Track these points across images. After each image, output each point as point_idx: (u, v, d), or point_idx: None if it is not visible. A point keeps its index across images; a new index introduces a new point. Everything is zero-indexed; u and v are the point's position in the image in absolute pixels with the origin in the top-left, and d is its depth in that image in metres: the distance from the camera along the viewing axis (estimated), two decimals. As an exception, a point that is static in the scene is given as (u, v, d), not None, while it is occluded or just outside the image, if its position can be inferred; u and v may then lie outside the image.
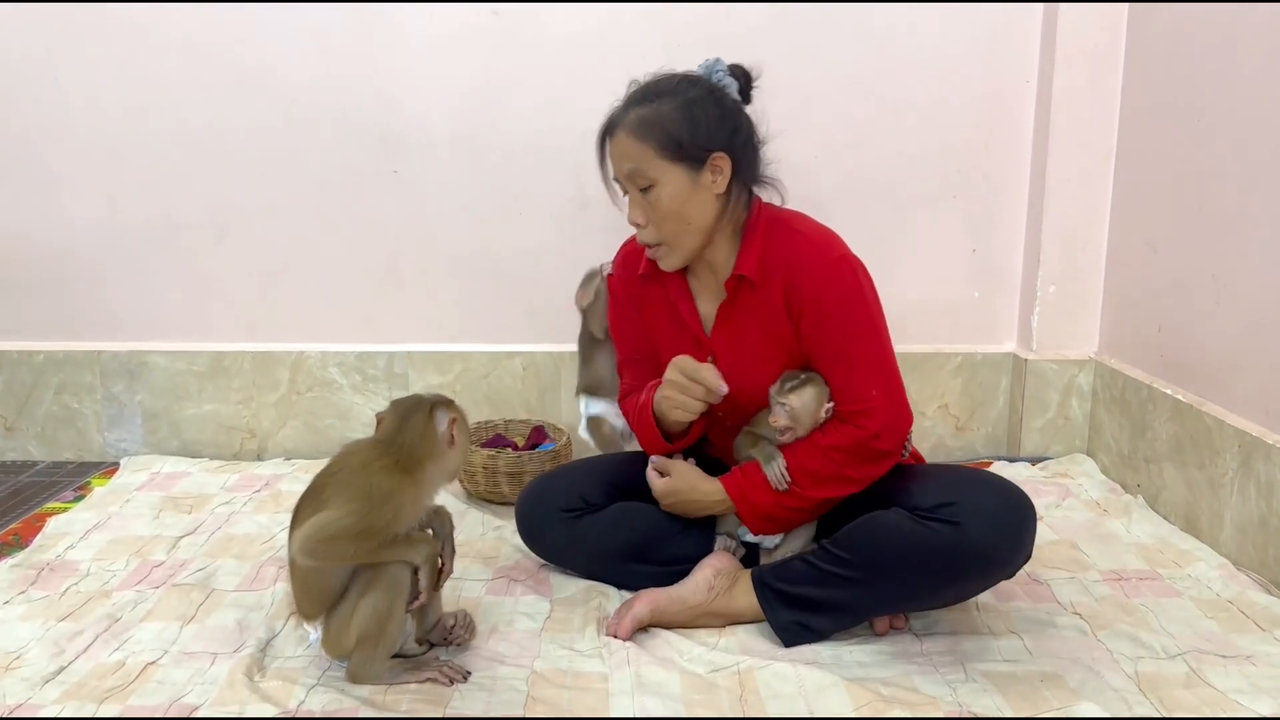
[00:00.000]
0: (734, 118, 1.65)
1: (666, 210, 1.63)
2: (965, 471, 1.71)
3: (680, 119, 1.60)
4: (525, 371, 2.57)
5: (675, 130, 1.60)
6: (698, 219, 1.64)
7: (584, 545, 1.81)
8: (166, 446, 2.59)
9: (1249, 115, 1.92)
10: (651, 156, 1.61)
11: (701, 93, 1.63)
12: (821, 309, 1.61)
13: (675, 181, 1.62)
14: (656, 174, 1.61)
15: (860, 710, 1.41)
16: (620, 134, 1.64)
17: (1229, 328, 1.98)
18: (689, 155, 1.61)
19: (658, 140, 1.60)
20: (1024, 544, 1.54)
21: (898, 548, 1.53)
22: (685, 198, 1.62)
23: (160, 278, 2.56)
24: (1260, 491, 1.83)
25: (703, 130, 1.61)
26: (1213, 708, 1.41)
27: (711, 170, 1.62)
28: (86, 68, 2.44)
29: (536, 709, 1.43)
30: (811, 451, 1.63)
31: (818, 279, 1.61)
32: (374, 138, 2.48)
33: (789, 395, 1.62)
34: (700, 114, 1.61)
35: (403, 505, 1.43)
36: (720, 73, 1.66)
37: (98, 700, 1.43)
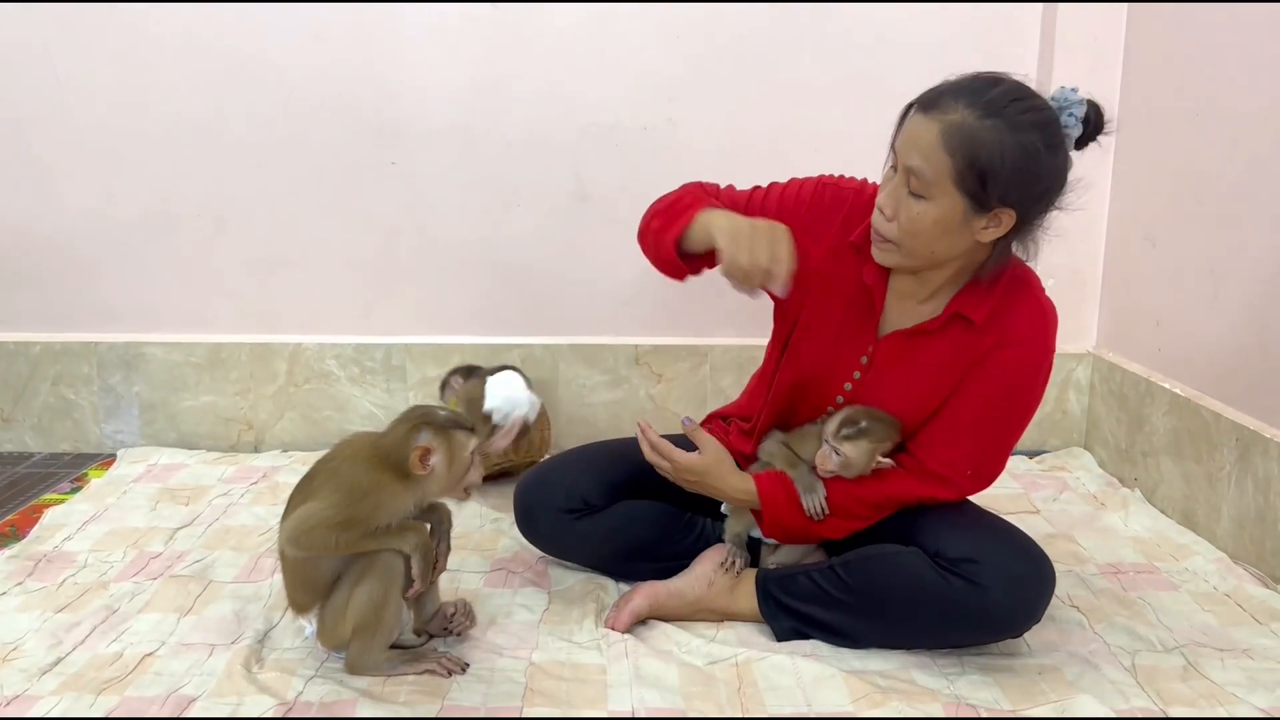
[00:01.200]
0: (1050, 179, 1.42)
1: (921, 230, 1.43)
2: (991, 522, 1.58)
3: (997, 158, 1.35)
4: (523, 364, 2.56)
5: (986, 167, 1.36)
6: (945, 252, 1.47)
7: (585, 545, 1.78)
8: (164, 438, 2.59)
9: (1247, 109, 1.92)
10: (945, 174, 1.38)
11: (1041, 142, 1.38)
12: (999, 380, 1.52)
13: (950, 211, 1.40)
14: (936, 190, 1.40)
15: (857, 702, 1.41)
16: (933, 123, 1.39)
17: (1227, 321, 1.98)
18: (978, 195, 1.38)
19: (963, 163, 1.37)
20: (1039, 611, 1.50)
21: (911, 594, 1.50)
22: (947, 229, 1.42)
23: (157, 269, 2.55)
24: (1258, 485, 1.84)
25: (1011, 182, 1.37)
26: (1210, 701, 1.42)
27: (991, 220, 1.42)
28: (83, 58, 2.43)
29: (535, 701, 1.43)
30: (864, 493, 1.58)
31: (1020, 356, 1.51)
32: (372, 129, 2.48)
33: (844, 444, 1.54)
34: (1027, 165, 1.37)
35: (382, 501, 1.42)
36: (1073, 116, 1.42)
37: (95, 691, 1.43)
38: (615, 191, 2.51)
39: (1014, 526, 1.58)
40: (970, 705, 1.41)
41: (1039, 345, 1.53)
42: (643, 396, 2.58)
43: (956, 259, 1.50)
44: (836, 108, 2.48)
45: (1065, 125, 1.42)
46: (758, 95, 2.48)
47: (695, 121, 2.48)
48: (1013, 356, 1.51)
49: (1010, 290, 1.52)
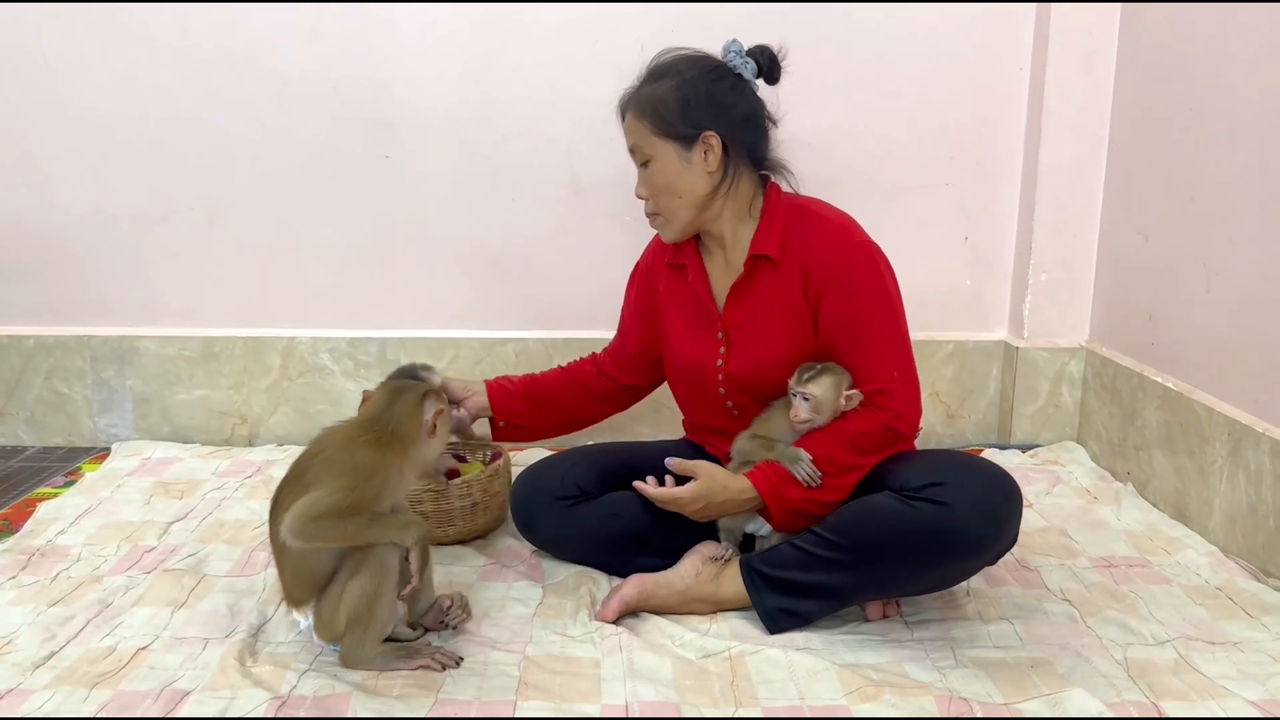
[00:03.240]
0: (730, 97, 1.70)
1: (659, 184, 1.72)
2: (954, 455, 1.73)
3: (672, 98, 1.68)
4: (518, 359, 2.57)
5: (666, 109, 1.68)
6: (688, 193, 1.71)
7: (578, 533, 1.81)
8: (157, 432, 2.58)
9: (1241, 104, 1.92)
10: (647, 133, 1.71)
11: (698, 73, 1.70)
12: (841, 291, 1.65)
13: (666, 157, 1.70)
14: (651, 150, 1.71)
15: (850, 695, 1.42)
16: (628, 113, 1.74)
17: (1220, 316, 1.99)
18: (679, 133, 1.68)
19: (651, 119, 1.70)
20: (1008, 527, 1.56)
21: (884, 528, 1.54)
22: (676, 172, 1.70)
23: (151, 262, 2.55)
24: (1249, 479, 1.84)
25: (692, 110, 1.67)
26: (1201, 694, 1.42)
27: (703, 147, 1.68)
28: (77, 52, 2.42)
29: (528, 694, 1.43)
30: (838, 440, 1.63)
31: (838, 261, 1.65)
32: (366, 122, 2.47)
33: (808, 385, 1.62)
34: (691, 94, 1.68)
35: (389, 479, 1.44)
36: (734, 53, 1.72)
37: (89, 685, 1.43)
38: (610, 184, 2.50)
39: (976, 456, 1.71)
40: (963, 699, 1.41)
41: (846, 243, 1.67)
42: (637, 390, 2.58)
43: (705, 197, 1.71)
44: (832, 100, 2.48)
45: (730, 63, 1.72)
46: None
47: (690, 115, 2.47)
48: (830, 266, 1.66)
49: (792, 220, 1.71)
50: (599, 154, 2.49)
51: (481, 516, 1.95)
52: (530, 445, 2.45)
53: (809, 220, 1.71)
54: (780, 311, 1.70)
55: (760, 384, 1.72)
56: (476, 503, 1.93)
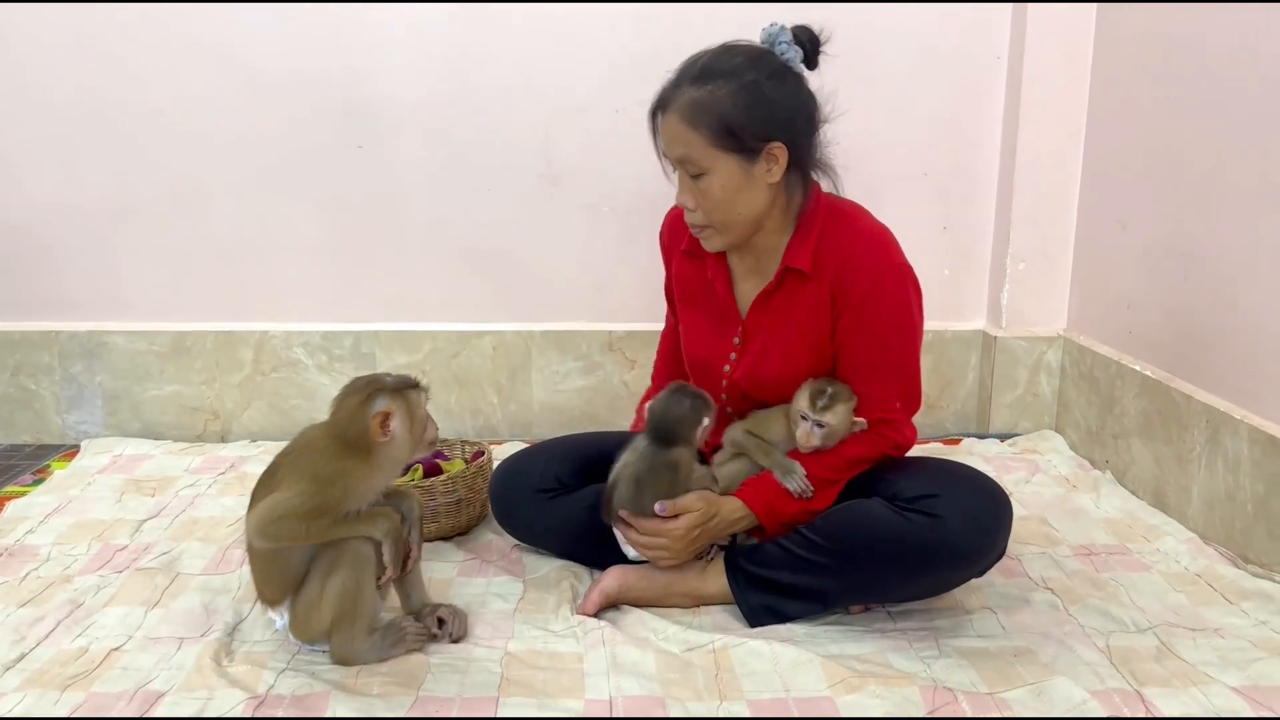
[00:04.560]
0: (795, 100, 1.55)
1: (717, 200, 1.55)
2: (948, 465, 1.67)
3: (737, 106, 1.49)
4: (495, 351, 2.55)
5: (730, 119, 1.49)
6: (749, 209, 1.56)
7: (558, 526, 1.78)
8: (127, 428, 2.54)
9: (1218, 92, 1.93)
10: (703, 145, 1.51)
11: (763, 75, 1.51)
12: (866, 316, 1.56)
13: (727, 172, 1.53)
14: (708, 163, 1.52)
15: (835, 686, 1.41)
16: (672, 116, 1.53)
17: (1198, 304, 1.99)
18: (744, 146, 1.51)
19: (711, 128, 1.50)
20: (999, 541, 1.54)
21: (874, 536, 1.52)
22: (737, 188, 1.54)
23: (120, 256, 2.51)
24: (1228, 466, 1.85)
25: (760, 119, 1.50)
26: (1183, 680, 1.43)
27: (767, 160, 1.53)
28: (40, 39, 2.38)
29: (511, 690, 1.41)
30: (836, 463, 1.61)
31: (870, 284, 1.55)
32: (339, 112, 2.44)
33: (825, 414, 1.57)
34: (759, 100, 1.50)
35: (351, 486, 1.41)
36: (784, 43, 1.54)
37: (60, 688, 1.40)
38: (587, 174, 2.49)
39: (969, 467, 1.64)
40: (947, 688, 1.40)
41: (882, 264, 1.57)
42: (616, 383, 2.57)
43: (765, 211, 1.58)
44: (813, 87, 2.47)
45: (782, 54, 1.55)
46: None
47: (667, 105, 2.46)
48: (862, 285, 1.56)
49: (829, 230, 1.59)
50: (575, 144, 2.47)
51: (464, 513, 1.93)
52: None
53: (846, 232, 1.58)
54: (803, 326, 1.61)
55: (766, 395, 1.67)
56: (460, 499, 1.91)
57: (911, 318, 1.59)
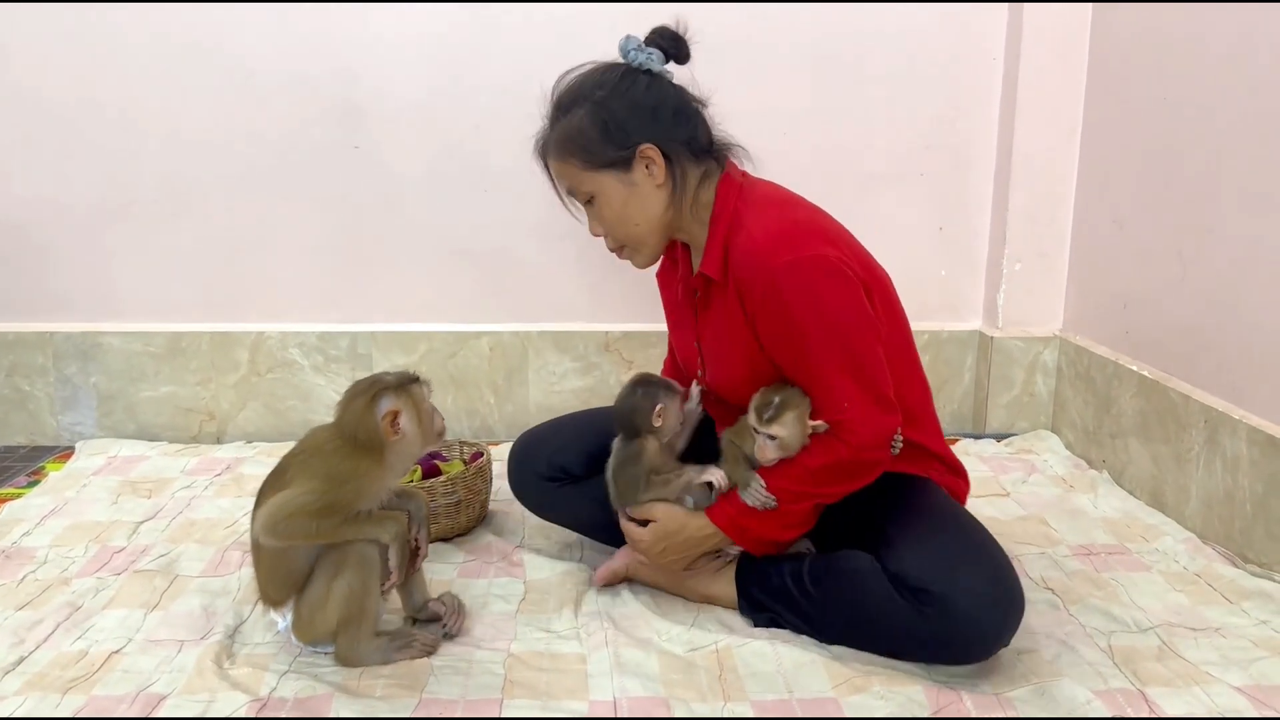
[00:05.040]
0: (650, 99, 1.53)
1: (611, 218, 1.57)
2: (958, 539, 1.50)
3: (591, 126, 1.51)
4: (492, 351, 2.54)
5: (591, 137, 1.51)
6: (645, 217, 1.56)
7: (569, 512, 1.83)
8: (122, 430, 2.53)
9: (1214, 91, 1.93)
10: (578, 171, 1.54)
11: (607, 89, 1.52)
12: (770, 319, 1.48)
13: (609, 189, 1.54)
14: (590, 186, 1.55)
15: (839, 687, 1.41)
16: (551, 158, 1.58)
17: (1195, 303, 2.00)
18: (612, 159, 1.52)
19: (578, 155, 1.53)
20: (1005, 637, 1.43)
21: (869, 613, 1.48)
22: (625, 200, 1.54)
23: (114, 256, 2.49)
24: (1226, 466, 1.86)
25: (615, 129, 1.51)
26: (1186, 680, 1.43)
27: (641, 163, 1.52)
28: (34, 39, 2.36)
29: (514, 692, 1.41)
30: (797, 474, 1.51)
31: (764, 283, 1.46)
32: (335, 112, 2.43)
33: (771, 426, 1.49)
34: (610, 110, 1.51)
35: (364, 485, 1.41)
36: (634, 50, 1.55)
37: (61, 691, 1.39)
38: (584, 176, 2.48)
39: (983, 541, 1.49)
40: (951, 689, 1.41)
41: (767, 267, 1.45)
42: (613, 383, 2.56)
43: (665, 215, 1.56)
44: (805, 91, 2.48)
45: (635, 61, 1.55)
46: (727, 77, 2.45)
47: (664, 105, 2.45)
48: (755, 292, 1.47)
49: (733, 229, 1.52)
50: (573, 144, 2.46)
51: (464, 514, 1.93)
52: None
53: (742, 230, 1.51)
54: (731, 334, 1.56)
55: (734, 399, 1.62)
56: (460, 500, 1.90)
57: (827, 310, 1.45)
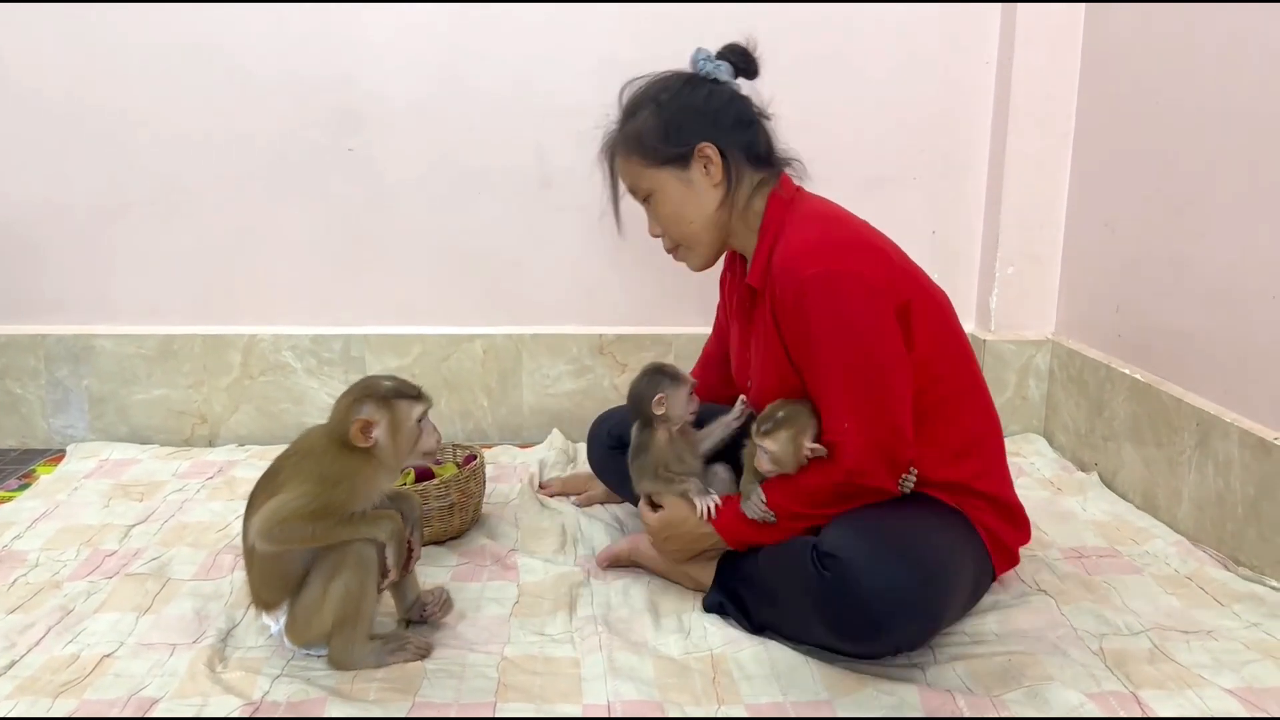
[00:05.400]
0: (711, 103, 1.60)
1: (667, 215, 1.64)
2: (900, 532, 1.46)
3: (654, 125, 1.59)
4: (485, 354, 2.54)
5: (654, 134, 1.59)
6: (699, 215, 1.62)
7: (616, 475, 1.91)
8: (114, 432, 2.52)
9: (1207, 96, 1.94)
10: (639, 168, 1.62)
11: (672, 91, 1.61)
12: (793, 331, 1.51)
13: (667, 186, 1.61)
14: (649, 183, 1.63)
15: (833, 689, 1.41)
16: (617, 156, 1.66)
17: (1187, 307, 2.01)
18: (671, 156, 1.59)
19: (640, 153, 1.61)
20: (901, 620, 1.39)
21: (789, 578, 1.49)
22: (681, 199, 1.62)
23: (106, 258, 2.48)
24: (1218, 469, 1.86)
25: (676, 128, 1.59)
26: (1178, 683, 1.43)
27: (699, 162, 1.59)
28: (27, 37, 2.35)
29: (508, 695, 1.40)
30: (793, 492, 1.54)
31: (790, 299, 1.48)
32: (329, 114, 2.43)
33: (765, 439, 1.53)
34: (671, 113, 1.59)
35: (357, 486, 1.41)
36: (704, 60, 1.63)
37: (52, 695, 1.39)
38: (579, 178, 2.48)
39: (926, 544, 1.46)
40: (945, 691, 1.41)
41: (796, 277, 1.47)
42: (606, 386, 2.57)
43: (718, 216, 1.62)
44: (799, 94, 2.47)
45: (703, 70, 1.63)
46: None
47: (658, 108, 2.45)
48: (783, 302, 1.50)
49: (778, 240, 1.56)
50: (567, 147, 2.46)
51: (457, 517, 1.92)
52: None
53: (784, 242, 1.54)
54: (768, 343, 1.58)
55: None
56: (453, 503, 1.90)
57: (845, 326, 1.46)
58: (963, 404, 1.60)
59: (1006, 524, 1.62)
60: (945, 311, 1.60)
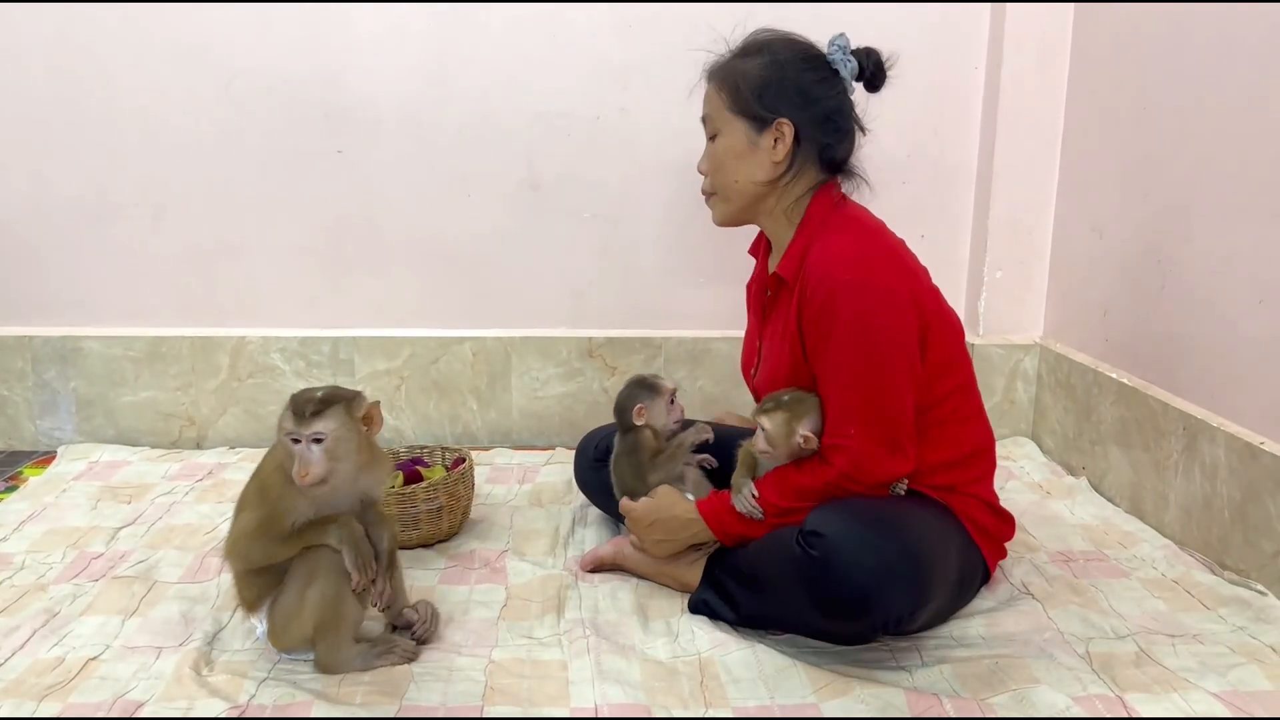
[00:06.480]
0: (817, 89, 1.60)
1: (720, 161, 1.64)
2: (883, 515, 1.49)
3: (757, 77, 1.59)
4: (475, 357, 2.54)
5: (746, 85, 1.59)
6: (746, 177, 1.62)
7: (600, 490, 1.93)
8: (102, 435, 2.51)
9: (1193, 101, 1.95)
10: (721, 107, 1.62)
11: (791, 56, 1.60)
12: (816, 333, 1.52)
13: (735, 135, 1.61)
14: (722, 124, 1.62)
15: (820, 691, 1.41)
16: (711, 81, 1.65)
17: (1174, 311, 2.01)
18: (753, 114, 1.59)
19: (732, 91, 1.61)
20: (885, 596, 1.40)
21: (774, 565, 1.51)
22: (740, 153, 1.61)
23: (94, 259, 2.48)
24: (1205, 473, 1.87)
25: (772, 92, 1.58)
26: (1164, 686, 1.44)
27: (774, 135, 1.59)
28: (16, 38, 2.35)
29: (495, 699, 1.40)
30: (782, 487, 1.56)
31: (825, 293, 1.50)
32: (318, 115, 2.42)
33: (761, 417, 1.57)
34: (777, 75, 1.58)
35: (296, 501, 1.39)
36: (838, 48, 1.63)
37: (37, 698, 1.38)
38: (568, 181, 2.49)
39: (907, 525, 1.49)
40: (932, 693, 1.41)
41: (832, 278, 1.49)
42: (596, 389, 2.56)
43: (762, 188, 1.63)
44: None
45: (831, 58, 1.62)
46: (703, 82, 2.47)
47: (648, 110, 2.46)
48: (813, 301, 1.51)
49: (816, 238, 1.58)
50: (556, 149, 2.46)
51: (445, 520, 1.92)
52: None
53: (820, 242, 1.56)
54: (787, 336, 1.60)
55: None
56: (441, 506, 1.90)
57: (869, 336, 1.49)
58: (963, 426, 1.65)
59: (992, 518, 1.67)
60: (958, 335, 1.65)
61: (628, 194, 2.50)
